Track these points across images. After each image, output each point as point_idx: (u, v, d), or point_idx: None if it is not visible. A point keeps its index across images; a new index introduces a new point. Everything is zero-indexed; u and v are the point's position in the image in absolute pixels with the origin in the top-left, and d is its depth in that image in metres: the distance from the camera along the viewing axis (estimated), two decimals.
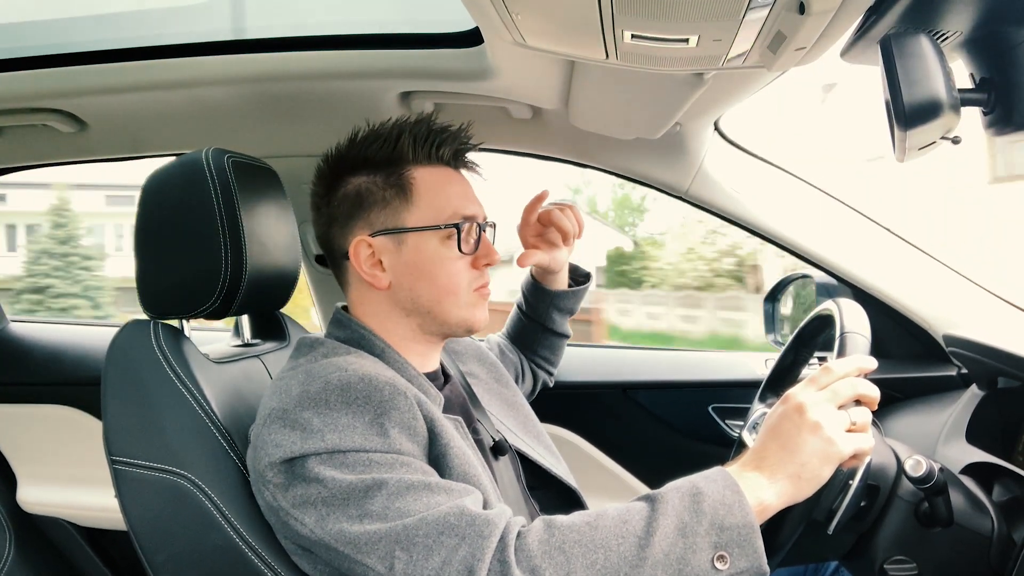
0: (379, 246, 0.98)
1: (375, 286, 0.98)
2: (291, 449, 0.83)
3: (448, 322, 1.00)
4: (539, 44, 0.93)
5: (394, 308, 1.00)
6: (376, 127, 1.01)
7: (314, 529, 0.82)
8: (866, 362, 0.88)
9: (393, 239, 0.98)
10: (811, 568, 1.33)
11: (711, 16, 0.75)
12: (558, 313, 1.39)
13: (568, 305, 1.39)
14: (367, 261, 0.98)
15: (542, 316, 1.39)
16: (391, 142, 0.98)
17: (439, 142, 1.00)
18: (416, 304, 0.99)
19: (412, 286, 0.98)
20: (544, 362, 1.45)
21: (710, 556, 0.76)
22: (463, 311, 0.99)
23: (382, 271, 0.98)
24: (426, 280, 0.98)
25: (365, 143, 1.00)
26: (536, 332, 1.41)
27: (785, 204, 1.53)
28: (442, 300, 0.98)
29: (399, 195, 0.98)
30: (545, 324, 1.40)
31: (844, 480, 0.95)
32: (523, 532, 0.78)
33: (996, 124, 0.79)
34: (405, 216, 0.98)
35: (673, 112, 1.21)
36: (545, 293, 1.37)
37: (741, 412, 1.49)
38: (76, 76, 1.29)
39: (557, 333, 1.42)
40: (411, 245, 0.98)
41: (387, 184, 0.98)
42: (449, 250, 0.97)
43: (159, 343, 0.98)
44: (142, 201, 1.03)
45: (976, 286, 1.47)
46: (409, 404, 0.87)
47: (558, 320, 1.40)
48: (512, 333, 1.44)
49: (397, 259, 0.98)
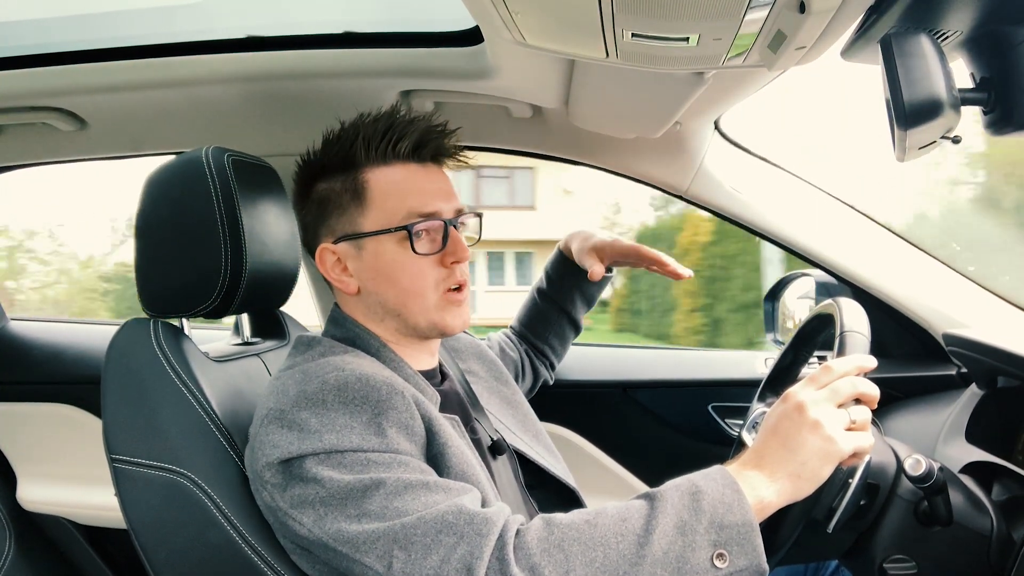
0: (342, 252, 0.98)
1: (345, 291, 0.99)
2: (288, 450, 0.83)
3: (418, 325, 0.98)
4: (539, 43, 0.93)
5: (368, 311, 1.00)
6: (339, 128, 0.99)
7: (312, 529, 0.82)
8: (866, 361, 0.88)
9: (353, 245, 0.97)
10: (811, 567, 1.33)
11: (711, 15, 0.75)
12: (580, 297, 1.40)
13: (591, 291, 1.41)
14: (334, 268, 0.98)
15: (564, 297, 1.40)
16: (346, 145, 0.97)
17: (395, 138, 0.97)
18: (385, 308, 0.98)
19: (377, 290, 0.98)
20: (551, 352, 1.45)
21: (709, 554, 0.75)
22: (431, 314, 0.97)
23: (349, 276, 0.98)
24: (389, 283, 0.97)
25: (327, 146, 0.99)
26: (552, 316, 1.42)
27: (785, 203, 1.53)
28: (407, 303, 0.97)
29: (354, 200, 0.97)
30: (565, 307, 1.41)
31: (844, 479, 0.95)
32: (522, 530, 0.78)
33: (996, 124, 0.79)
34: (361, 221, 0.97)
35: (673, 111, 1.21)
36: (575, 273, 1.38)
37: (741, 411, 1.49)
38: (76, 74, 1.29)
39: (572, 321, 1.43)
40: (370, 250, 0.97)
41: (344, 189, 0.97)
42: (406, 251, 0.95)
43: (159, 342, 0.98)
44: (142, 199, 1.03)
45: (976, 285, 1.47)
46: (406, 403, 0.87)
47: (579, 305, 1.41)
48: (525, 318, 1.44)
49: (360, 264, 0.98)
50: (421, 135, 0.98)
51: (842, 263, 1.51)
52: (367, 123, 0.98)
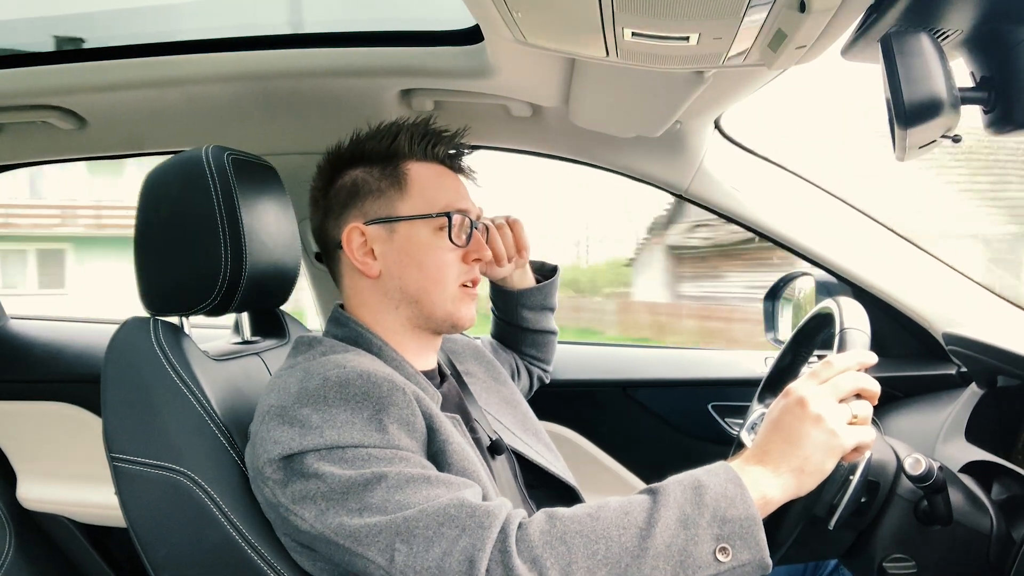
0: (372, 234, 0.99)
1: (366, 274, 1.00)
2: (289, 446, 0.83)
3: (434, 314, 1.00)
4: (539, 42, 0.93)
5: (384, 299, 1.00)
6: (377, 126, 1.04)
7: (314, 524, 0.82)
8: (866, 356, 0.88)
9: (386, 228, 0.99)
10: (811, 566, 1.33)
11: (712, 14, 0.75)
12: (529, 311, 1.36)
13: (537, 302, 1.36)
14: (359, 249, 1.00)
15: (513, 317, 1.37)
16: (389, 138, 1.01)
17: (435, 141, 1.03)
18: (404, 293, 0.99)
19: (401, 274, 0.99)
20: (534, 360, 1.43)
21: (712, 548, 0.75)
22: (449, 305, 1.00)
23: (373, 259, 1.00)
24: (415, 268, 0.99)
25: (364, 139, 1.03)
26: (515, 333, 1.39)
27: (785, 202, 1.53)
28: (429, 289, 0.99)
29: (394, 186, 1.00)
30: (519, 324, 1.38)
31: (845, 475, 0.95)
32: (524, 523, 0.78)
33: (996, 123, 0.79)
34: (399, 205, 1.00)
35: (673, 110, 1.21)
36: (508, 295, 1.35)
37: (740, 410, 1.49)
38: (75, 73, 1.29)
39: (536, 331, 1.39)
40: (403, 234, 0.99)
41: (383, 175, 1.01)
42: (440, 240, 0.99)
43: (159, 340, 0.98)
44: (142, 198, 1.03)
45: (976, 284, 1.47)
46: (407, 400, 0.87)
47: (532, 318, 1.37)
48: (497, 335, 1.42)
49: (389, 247, 0.99)
50: (455, 145, 1.05)
51: (842, 262, 1.51)
52: (408, 122, 1.03)
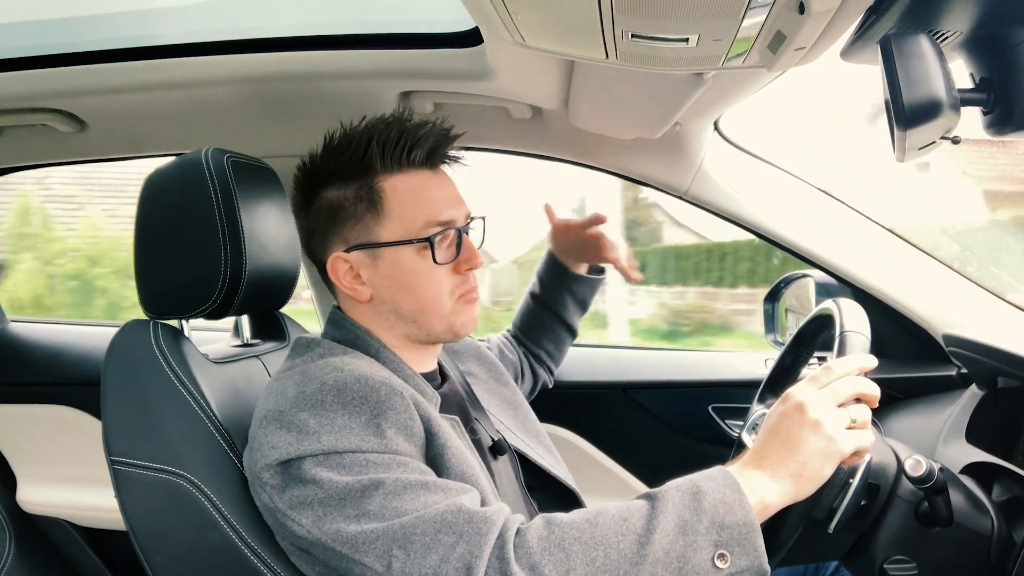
0: (356, 261, 0.97)
1: (356, 300, 0.98)
2: (287, 451, 0.83)
3: (433, 331, 0.99)
4: (539, 44, 0.93)
5: (378, 319, 0.99)
6: (348, 131, 0.98)
7: (311, 530, 0.82)
8: (866, 360, 0.88)
9: (368, 254, 0.97)
10: (811, 568, 1.33)
11: (711, 16, 0.74)
12: (571, 299, 1.40)
13: (582, 293, 1.41)
14: (346, 276, 0.97)
15: (555, 300, 1.40)
16: (359, 152, 0.95)
17: (410, 145, 0.96)
18: (399, 315, 0.98)
19: (392, 298, 0.97)
20: (547, 357, 1.45)
21: (710, 554, 0.75)
22: (447, 319, 0.98)
23: (362, 284, 0.98)
24: (405, 292, 0.97)
25: (336, 152, 0.97)
26: (546, 320, 1.42)
27: (785, 204, 1.53)
28: (424, 310, 0.97)
29: (370, 209, 0.95)
30: (557, 310, 1.41)
31: (845, 478, 0.95)
32: (522, 529, 0.78)
33: (996, 124, 0.79)
34: (378, 231, 0.96)
35: (673, 112, 1.21)
36: (563, 273, 1.39)
37: (741, 412, 1.49)
38: (75, 76, 1.29)
39: (566, 324, 1.43)
40: (387, 259, 0.96)
41: (358, 198, 0.96)
42: (426, 261, 0.96)
43: (158, 343, 0.98)
44: (141, 201, 1.03)
45: (976, 286, 1.47)
46: (405, 404, 0.87)
47: (570, 307, 1.41)
48: (521, 322, 1.45)
49: (375, 273, 0.97)
50: (433, 141, 0.97)
51: (842, 264, 1.51)
52: (379, 129, 0.96)
